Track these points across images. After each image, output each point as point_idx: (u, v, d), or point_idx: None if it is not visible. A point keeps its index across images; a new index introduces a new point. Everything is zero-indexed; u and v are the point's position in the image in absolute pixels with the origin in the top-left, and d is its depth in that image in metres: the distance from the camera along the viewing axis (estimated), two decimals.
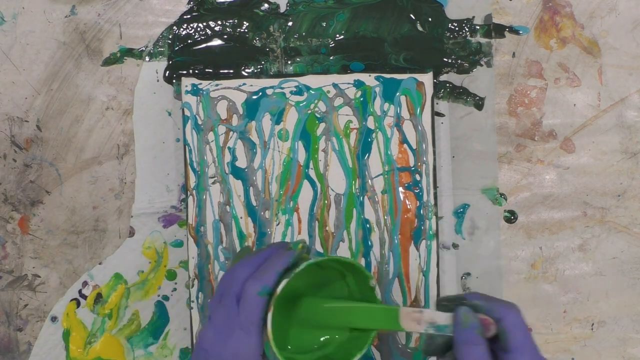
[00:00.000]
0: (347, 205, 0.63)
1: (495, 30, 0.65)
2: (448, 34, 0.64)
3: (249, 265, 0.48)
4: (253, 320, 0.46)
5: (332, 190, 0.62)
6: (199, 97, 0.62)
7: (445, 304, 0.47)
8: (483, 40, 0.65)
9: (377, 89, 0.62)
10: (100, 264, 0.64)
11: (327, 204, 0.62)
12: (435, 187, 0.63)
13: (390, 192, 0.63)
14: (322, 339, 0.51)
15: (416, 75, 0.63)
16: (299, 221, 0.63)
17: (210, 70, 0.63)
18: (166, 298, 0.64)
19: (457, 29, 0.64)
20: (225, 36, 0.63)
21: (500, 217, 0.65)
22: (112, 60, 0.63)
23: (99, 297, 0.64)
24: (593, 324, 0.66)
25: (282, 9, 0.64)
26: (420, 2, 0.64)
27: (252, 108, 0.62)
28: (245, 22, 0.64)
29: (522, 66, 0.65)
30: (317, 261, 0.48)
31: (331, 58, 0.64)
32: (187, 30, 0.63)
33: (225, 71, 0.63)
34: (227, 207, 0.62)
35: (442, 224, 0.64)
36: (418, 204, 0.63)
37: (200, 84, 0.62)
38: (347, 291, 0.51)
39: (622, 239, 0.66)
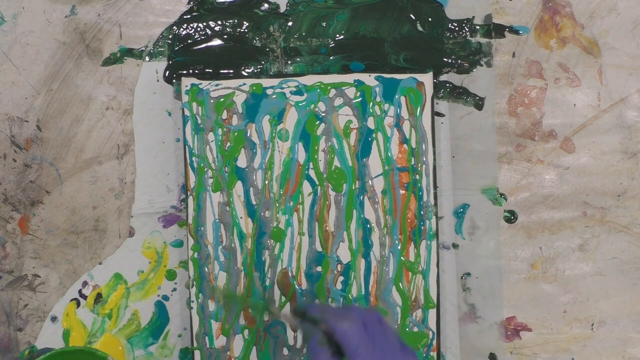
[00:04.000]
0: (347, 205, 0.63)
1: (495, 30, 0.65)
2: (448, 34, 0.64)
3: None
4: None
5: (332, 190, 0.63)
6: (198, 97, 0.62)
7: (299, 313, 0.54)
8: (483, 40, 0.65)
9: (377, 89, 0.62)
10: (100, 264, 0.64)
11: (327, 204, 0.62)
12: (435, 187, 0.63)
13: (390, 192, 0.63)
14: None
15: (416, 75, 0.63)
16: (299, 221, 0.63)
17: (210, 70, 0.63)
18: (166, 298, 0.64)
19: (457, 29, 0.64)
20: (225, 36, 0.63)
21: (500, 217, 0.65)
22: (112, 60, 0.63)
23: (99, 297, 0.64)
24: (593, 324, 0.66)
25: (282, 9, 0.64)
26: (420, 2, 0.64)
27: (251, 108, 0.62)
28: (245, 22, 0.64)
29: (522, 66, 0.65)
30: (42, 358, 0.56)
31: (331, 58, 0.64)
32: (187, 30, 0.63)
33: (225, 71, 0.63)
34: (227, 207, 0.62)
35: (442, 224, 0.64)
36: (418, 204, 0.63)
37: (201, 84, 0.62)
38: None
39: (622, 239, 0.66)
